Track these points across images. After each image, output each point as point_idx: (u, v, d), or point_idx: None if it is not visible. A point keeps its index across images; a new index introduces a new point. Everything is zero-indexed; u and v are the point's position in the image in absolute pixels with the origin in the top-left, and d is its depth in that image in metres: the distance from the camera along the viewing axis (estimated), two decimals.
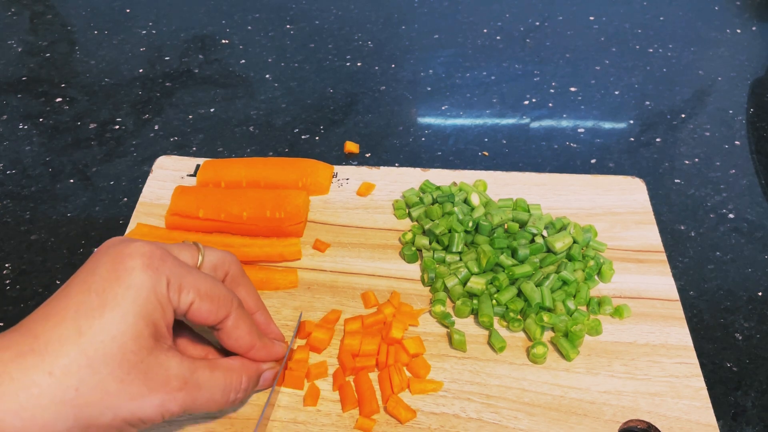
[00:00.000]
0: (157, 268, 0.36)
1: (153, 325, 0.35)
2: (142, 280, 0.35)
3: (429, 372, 0.45)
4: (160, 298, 0.36)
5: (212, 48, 0.84)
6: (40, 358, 0.32)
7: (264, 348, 0.42)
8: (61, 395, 0.32)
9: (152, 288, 0.35)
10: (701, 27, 0.87)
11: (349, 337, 0.47)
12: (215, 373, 0.38)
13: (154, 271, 0.35)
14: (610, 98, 0.75)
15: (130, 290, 0.35)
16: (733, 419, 0.45)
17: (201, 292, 0.38)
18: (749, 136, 0.69)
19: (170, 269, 0.36)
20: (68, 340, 0.33)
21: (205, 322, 0.39)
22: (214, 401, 0.38)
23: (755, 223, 0.59)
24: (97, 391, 0.33)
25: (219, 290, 0.39)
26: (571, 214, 0.57)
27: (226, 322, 0.39)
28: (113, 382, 0.33)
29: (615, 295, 0.51)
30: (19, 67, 0.81)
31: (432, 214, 0.55)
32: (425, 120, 0.72)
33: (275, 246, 0.53)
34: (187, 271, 0.37)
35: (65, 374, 0.32)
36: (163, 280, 0.36)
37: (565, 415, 0.43)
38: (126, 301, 0.34)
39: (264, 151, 0.68)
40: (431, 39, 0.85)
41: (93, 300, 0.34)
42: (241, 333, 0.40)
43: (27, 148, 0.69)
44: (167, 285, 0.36)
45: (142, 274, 0.35)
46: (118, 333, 0.34)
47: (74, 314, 0.34)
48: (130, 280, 0.35)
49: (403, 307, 0.50)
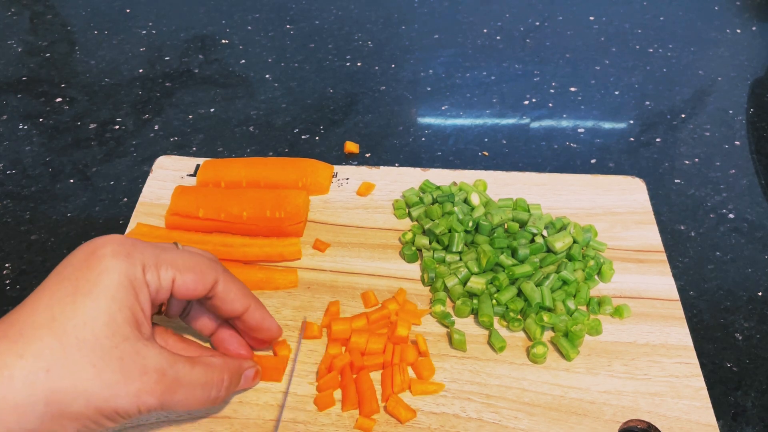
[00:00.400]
0: (129, 253, 0.36)
1: (128, 310, 0.35)
2: (113, 265, 0.35)
3: (433, 374, 0.45)
4: (135, 282, 0.35)
5: (212, 48, 0.84)
6: (12, 343, 0.32)
7: (259, 310, 0.42)
8: (32, 377, 0.32)
9: (125, 273, 0.35)
10: (701, 27, 0.87)
11: (356, 335, 0.47)
12: (196, 368, 0.38)
13: (126, 257, 0.36)
14: (610, 98, 0.75)
15: (101, 276, 0.35)
16: (733, 419, 0.45)
17: (180, 266, 0.37)
18: (749, 136, 0.69)
19: (143, 252, 0.36)
20: (41, 326, 0.33)
21: (195, 294, 0.38)
22: (194, 398, 0.37)
23: (755, 223, 0.59)
24: (69, 376, 0.32)
25: (200, 260, 0.39)
26: (571, 214, 0.57)
27: (216, 288, 0.39)
28: (86, 366, 0.33)
29: (615, 295, 0.51)
30: (19, 67, 0.81)
31: (432, 214, 0.55)
32: (425, 120, 0.72)
33: (275, 246, 0.53)
34: (161, 250, 0.38)
35: (36, 357, 0.32)
36: (137, 265, 0.36)
37: (565, 415, 0.43)
38: (98, 287, 0.34)
39: (264, 151, 0.68)
40: (431, 39, 0.85)
41: (66, 287, 0.34)
42: (234, 295, 0.40)
43: (27, 148, 0.69)
44: (143, 269, 0.36)
45: (113, 260, 0.35)
46: (91, 318, 0.33)
47: (48, 301, 0.34)
48: (101, 266, 0.35)
49: (407, 305, 0.50)
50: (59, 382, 0.32)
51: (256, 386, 0.45)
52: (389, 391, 0.44)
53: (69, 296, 0.34)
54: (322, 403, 0.43)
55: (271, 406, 0.44)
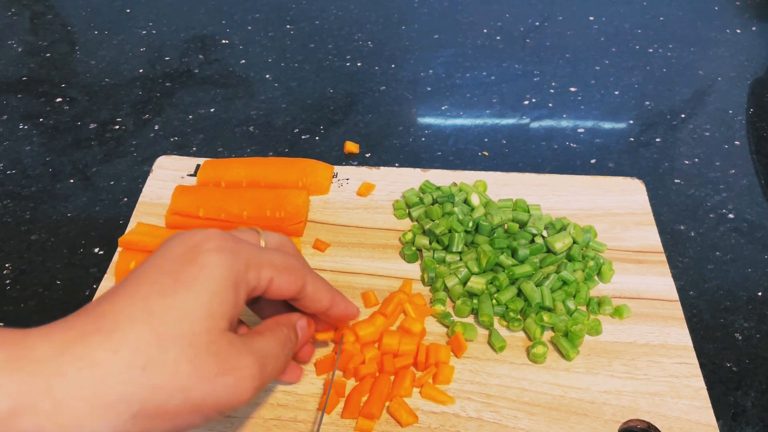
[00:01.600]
0: (233, 250, 0.35)
1: (228, 306, 0.34)
2: (218, 260, 0.34)
3: (449, 382, 0.45)
4: (238, 279, 0.35)
5: (212, 48, 0.84)
6: (106, 337, 0.30)
7: (343, 300, 0.42)
8: (127, 375, 0.30)
9: (229, 269, 0.34)
10: (701, 27, 0.87)
11: (388, 337, 0.46)
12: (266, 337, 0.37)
13: (230, 253, 0.35)
14: (610, 98, 0.75)
15: (204, 270, 0.33)
16: (733, 419, 0.45)
17: (278, 267, 0.37)
18: (749, 136, 0.69)
19: (247, 250, 0.36)
20: (137, 320, 0.31)
21: (287, 294, 0.38)
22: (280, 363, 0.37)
23: (755, 223, 0.59)
24: (167, 372, 0.31)
25: (292, 261, 0.38)
26: (571, 215, 0.57)
27: (305, 289, 0.39)
28: (184, 362, 0.31)
29: (615, 295, 0.51)
30: (19, 67, 0.81)
31: (432, 214, 0.55)
32: (425, 120, 0.72)
33: None
34: (261, 250, 0.37)
35: (132, 353, 0.30)
36: (242, 262, 0.35)
37: (565, 415, 0.43)
38: (200, 281, 0.33)
39: (264, 151, 0.68)
40: (431, 39, 0.85)
41: (165, 281, 0.33)
42: (321, 293, 0.40)
43: (27, 148, 0.69)
44: (246, 266, 0.35)
45: (218, 255, 0.34)
46: (190, 312, 0.32)
47: (145, 295, 0.32)
48: (205, 260, 0.34)
49: (415, 298, 0.50)
50: (156, 379, 0.30)
51: None
52: (396, 392, 0.44)
53: (169, 289, 0.32)
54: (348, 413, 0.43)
55: (271, 406, 0.44)
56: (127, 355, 0.30)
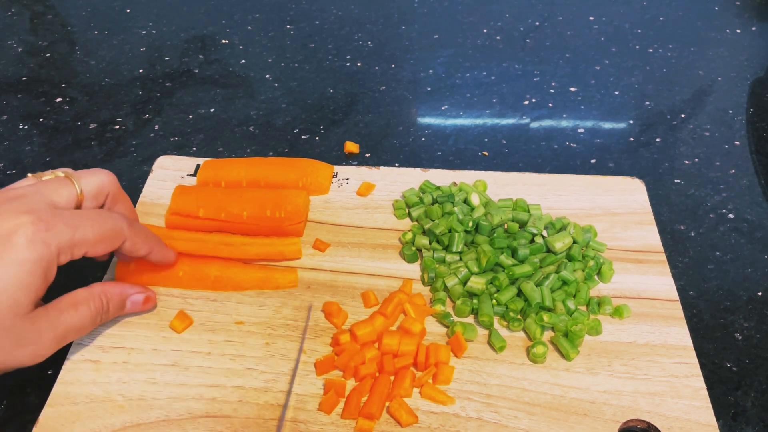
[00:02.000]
0: (44, 240, 0.37)
1: (34, 293, 0.37)
2: (28, 255, 0.37)
3: (449, 383, 0.45)
4: (47, 267, 0.38)
5: (212, 48, 0.84)
6: None
7: (161, 250, 0.47)
8: None
9: (39, 260, 0.37)
10: (701, 27, 0.87)
11: (388, 337, 0.46)
12: (79, 308, 0.41)
13: (42, 244, 0.37)
14: (610, 98, 0.75)
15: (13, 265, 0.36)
16: (732, 419, 0.45)
17: (92, 241, 0.40)
18: (749, 136, 0.69)
19: (58, 237, 0.38)
20: None
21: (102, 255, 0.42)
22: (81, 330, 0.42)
23: (755, 223, 0.59)
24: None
25: (107, 227, 0.41)
26: (571, 215, 0.57)
27: (123, 246, 0.43)
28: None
29: (615, 295, 0.51)
30: (19, 67, 0.81)
31: (432, 214, 0.55)
32: (425, 120, 0.72)
33: (275, 245, 0.53)
34: (73, 228, 0.39)
35: None
36: (53, 251, 0.38)
37: (565, 415, 0.43)
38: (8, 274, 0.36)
39: (264, 151, 0.68)
40: (431, 39, 0.85)
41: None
42: (137, 247, 0.44)
43: (27, 148, 0.69)
44: (57, 254, 0.38)
45: (29, 250, 0.37)
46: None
47: None
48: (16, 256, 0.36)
49: (415, 298, 0.50)
50: None
51: (256, 385, 0.45)
52: (396, 392, 0.44)
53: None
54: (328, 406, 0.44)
55: (272, 406, 0.44)
56: None
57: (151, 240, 0.46)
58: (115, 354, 0.47)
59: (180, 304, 0.50)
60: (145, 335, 0.48)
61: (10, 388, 0.47)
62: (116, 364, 0.46)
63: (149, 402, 0.44)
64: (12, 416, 0.45)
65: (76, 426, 0.42)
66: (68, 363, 0.46)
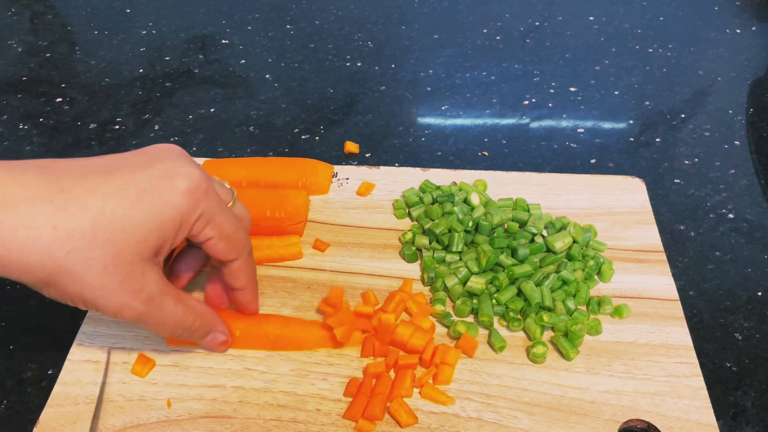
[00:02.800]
0: (198, 199, 0.38)
1: (161, 241, 0.38)
2: (179, 202, 0.37)
3: (449, 383, 0.45)
4: (184, 224, 0.38)
5: (212, 48, 0.84)
6: (53, 211, 0.34)
7: (253, 294, 0.46)
8: (53, 251, 0.34)
9: (184, 213, 0.38)
10: (701, 27, 0.87)
11: (403, 326, 0.46)
12: (179, 306, 0.40)
13: (193, 201, 0.38)
14: (609, 98, 0.75)
15: (164, 206, 0.37)
16: (732, 419, 0.45)
17: (223, 232, 0.40)
18: (749, 136, 0.69)
19: (207, 204, 0.39)
20: (87, 212, 0.35)
21: (218, 256, 0.42)
22: (162, 327, 0.41)
23: (755, 223, 0.59)
24: (81, 265, 0.35)
25: (239, 234, 0.42)
26: (571, 214, 0.57)
27: (233, 263, 0.43)
28: (98, 266, 0.36)
29: (615, 295, 0.51)
30: (19, 67, 0.81)
31: (432, 213, 0.55)
32: (425, 120, 0.72)
33: (276, 248, 0.53)
34: (220, 210, 0.40)
35: (67, 236, 0.34)
36: (197, 211, 0.38)
37: (565, 415, 0.43)
38: (155, 211, 0.37)
39: (264, 151, 0.68)
40: (431, 39, 0.85)
41: (129, 193, 0.36)
42: (241, 275, 0.44)
43: (27, 148, 0.69)
44: (198, 217, 0.39)
45: (183, 199, 0.37)
46: (131, 231, 0.36)
47: (105, 195, 0.36)
48: (170, 197, 0.37)
49: (417, 297, 0.50)
50: (70, 265, 0.35)
51: (256, 386, 0.45)
52: (396, 392, 0.44)
53: (126, 202, 0.36)
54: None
55: (271, 406, 0.44)
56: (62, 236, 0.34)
57: (254, 277, 0.46)
58: (116, 354, 0.47)
59: None
60: (145, 335, 0.48)
61: (10, 388, 0.47)
62: (117, 365, 0.46)
63: (149, 402, 0.44)
64: (12, 416, 0.45)
65: (76, 426, 0.42)
66: (68, 363, 0.46)
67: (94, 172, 0.37)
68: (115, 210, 0.36)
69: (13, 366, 0.48)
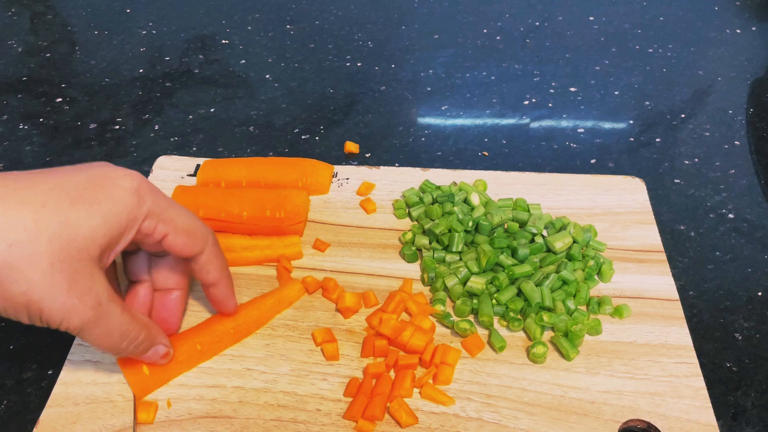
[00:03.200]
0: (143, 195, 0.38)
1: (108, 239, 0.36)
2: (124, 198, 0.37)
3: (449, 383, 0.45)
4: (131, 222, 0.37)
5: (212, 48, 0.84)
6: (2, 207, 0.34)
7: (228, 288, 0.45)
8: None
9: (131, 209, 0.37)
10: (701, 27, 0.87)
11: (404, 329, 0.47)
12: (125, 314, 0.39)
13: (139, 198, 0.37)
14: (609, 98, 0.75)
15: (108, 200, 0.36)
16: (732, 419, 0.45)
17: (177, 226, 0.40)
18: (749, 136, 0.69)
19: (154, 200, 0.38)
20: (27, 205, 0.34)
21: (180, 253, 0.41)
22: (106, 339, 0.38)
23: (755, 223, 0.59)
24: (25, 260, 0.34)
25: (196, 226, 0.41)
26: (571, 214, 0.57)
27: (200, 257, 0.42)
28: (44, 261, 0.34)
29: (615, 295, 0.51)
30: (19, 67, 0.81)
31: (432, 213, 0.55)
32: (425, 120, 0.72)
33: (276, 248, 0.53)
34: (169, 205, 0.40)
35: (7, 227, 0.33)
36: (144, 208, 0.38)
37: (565, 415, 0.43)
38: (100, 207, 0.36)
39: (264, 151, 0.68)
40: (431, 39, 0.85)
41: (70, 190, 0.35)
42: (211, 268, 0.43)
43: (27, 148, 0.69)
44: (146, 215, 0.38)
45: (128, 195, 0.37)
46: (77, 225, 0.35)
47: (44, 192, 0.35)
48: (115, 193, 0.37)
49: (417, 297, 0.50)
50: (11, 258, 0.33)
51: (256, 386, 0.45)
52: (396, 392, 0.44)
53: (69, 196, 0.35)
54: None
55: (271, 406, 0.44)
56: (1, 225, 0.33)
57: (225, 269, 0.44)
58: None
59: None
60: None
61: (10, 388, 0.47)
62: (117, 365, 0.46)
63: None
64: (12, 416, 0.45)
65: (77, 426, 0.42)
66: (69, 363, 0.46)
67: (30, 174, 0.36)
68: (58, 203, 0.34)
69: (13, 366, 0.48)
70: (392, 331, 0.46)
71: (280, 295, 0.50)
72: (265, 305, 0.49)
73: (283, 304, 0.50)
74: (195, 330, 0.47)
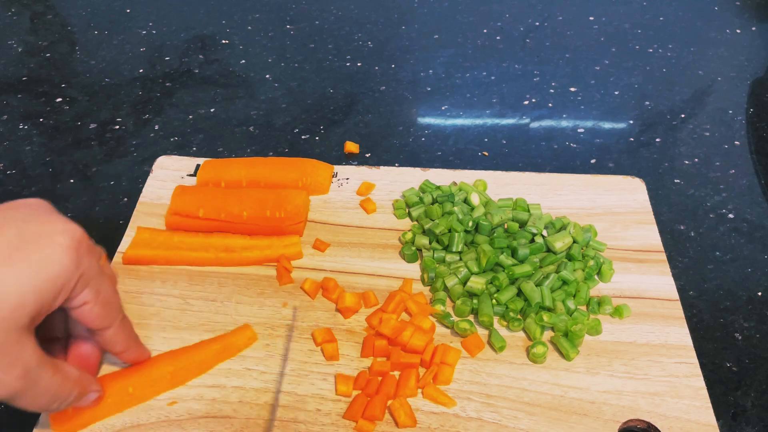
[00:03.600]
0: (81, 256, 0.35)
1: (39, 306, 0.34)
2: (61, 260, 0.34)
3: (449, 383, 0.45)
4: (66, 286, 0.35)
5: (212, 48, 0.84)
6: None
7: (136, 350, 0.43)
8: None
9: (67, 272, 0.34)
10: (701, 27, 0.87)
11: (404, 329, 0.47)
12: (56, 377, 0.36)
13: (76, 258, 0.35)
14: (609, 98, 0.75)
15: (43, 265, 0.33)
16: (732, 419, 0.45)
17: (100, 296, 0.37)
18: (749, 136, 0.69)
19: (89, 263, 0.36)
20: None
21: (90, 324, 0.38)
22: (37, 403, 0.36)
23: (755, 223, 0.59)
24: None
25: (115, 298, 0.39)
26: (571, 214, 0.57)
27: (107, 331, 0.39)
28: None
29: (615, 295, 0.51)
30: (19, 67, 0.81)
31: (432, 213, 0.55)
32: (425, 120, 0.72)
33: (276, 248, 0.53)
34: (99, 272, 0.37)
35: None
36: (79, 271, 0.35)
37: (565, 415, 0.43)
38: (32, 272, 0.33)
39: (264, 151, 0.68)
40: (431, 39, 0.85)
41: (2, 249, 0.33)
42: (119, 339, 0.41)
43: (27, 148, 0.69)
44: (78, 279, 0.35)
45: (65, 256, 0.34)
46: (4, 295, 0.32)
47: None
48: (51, 254, 0.34)
49: (417, 297, 0.50)
50: None
51: (256, 386, 0.45)
52: (401, 392, 0.44)
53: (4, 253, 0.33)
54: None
55: (271, 406, 0.44)
56: None
57: (132, 335, 0.42)
58: None
59: (180, 304, 0.50)
60: (145, 335, 0.48)
61: None
62: (116, 365, 0.46)
63: (149, 402, 0.44)
64: (12, 416, 0.45)
65: None
66: None
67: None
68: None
69: None
70: (392, 331, 0.46)
71: (227, 342, 0.47)
72: (209, 351, 0.46)
73: (230, 351, 0.46)
74: (128, 372, 0.44)
